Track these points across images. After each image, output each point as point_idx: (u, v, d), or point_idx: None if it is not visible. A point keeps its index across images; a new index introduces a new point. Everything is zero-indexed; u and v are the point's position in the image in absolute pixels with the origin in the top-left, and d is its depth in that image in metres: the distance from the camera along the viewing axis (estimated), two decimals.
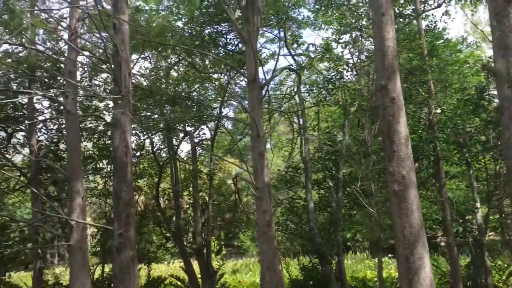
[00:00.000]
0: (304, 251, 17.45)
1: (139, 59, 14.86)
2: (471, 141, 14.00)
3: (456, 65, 13.67)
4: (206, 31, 15.00)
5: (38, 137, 14.07)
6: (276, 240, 10.01)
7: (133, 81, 14.46)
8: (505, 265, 14.89)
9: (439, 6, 10.97)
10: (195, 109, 15.60)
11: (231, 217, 19.16)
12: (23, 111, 13.77)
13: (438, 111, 14.55)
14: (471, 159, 14.19)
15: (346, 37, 14.55)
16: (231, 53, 15.19)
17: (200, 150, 18.53)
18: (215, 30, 15.01)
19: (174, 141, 16.91)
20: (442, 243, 19.18)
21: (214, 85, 17.30)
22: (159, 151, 17.69)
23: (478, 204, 13.73)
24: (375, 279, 16.45)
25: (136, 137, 16.50)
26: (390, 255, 21.06)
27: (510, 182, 5.27)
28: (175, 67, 16.94)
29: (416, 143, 14.00)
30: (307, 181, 14.65)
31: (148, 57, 16.21)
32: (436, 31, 14.25)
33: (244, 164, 11.36)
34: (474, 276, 13.56)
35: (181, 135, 17.18)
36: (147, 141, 16.90)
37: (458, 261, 13.17)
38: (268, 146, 21.08)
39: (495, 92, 12.17)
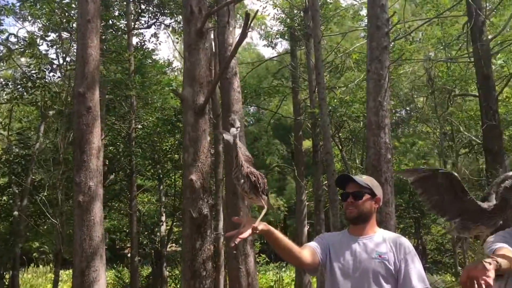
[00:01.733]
0: None
1: None
2: (165, 158, 15.00)
3: (160, 86, 14.53)
4: None
5: None
6: None
7: None
8: (180, 275, 16.33)
9: (148, 27, 11.51)
10: None
11: None
12: None
13: (139, 126, 15.10)
14: (163, 175, 15.17)
15: (54, 36, 13.69)
16: None
17: None
18: None
19: None
20: (129, 255, 19.72)
21: None
22: None
23: (163, 218, 14.73)
24: None
25: None
26: None
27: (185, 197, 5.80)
28: None
29: (113, 156, 14.15)
30: None
31: None
32: (145, 50, 14.88)
33: None
34: (152, 286, 14.40)
35: None
36: None
37: (139, 271, 13.76)
38: None
39: None
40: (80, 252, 6.46)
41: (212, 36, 12.43)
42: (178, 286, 15.50)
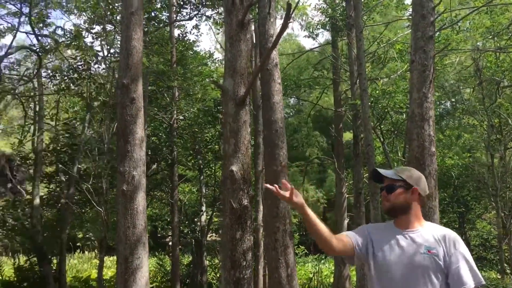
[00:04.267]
0: (24, 250, 15.90)
1: None
2: (205, 149, 15.17)
3: (201, 77, 14.67)
4: None
5: None
6: None
7: None
8: (219, 264, 16.52)
9: (190, 18, 11.63)
10: None
11: None
12: None
13: (181, 117, 15.32)
14: (203, 165, 15.35)
15: (98, 28, 14.04)
16: None
17: None
18: None
19: None
20: (171, 243, 20.11)
21: None
22: None
23: (204, 208, 14.93)
24: None
25: None
26: None
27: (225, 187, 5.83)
28: None
29: (155, 145, 14.43)
30: (36, 174, 13.45)
31: None
32: (187, 42, 15.04)
33: None
34: (192, 275, 14.66)
35: None
36: None
37: (180, 260, 14.03)
38: None
39: None
40: (123, 239, 6.62)
41: (252, 27, 12.43)
42: (218, 275, 15.72)
